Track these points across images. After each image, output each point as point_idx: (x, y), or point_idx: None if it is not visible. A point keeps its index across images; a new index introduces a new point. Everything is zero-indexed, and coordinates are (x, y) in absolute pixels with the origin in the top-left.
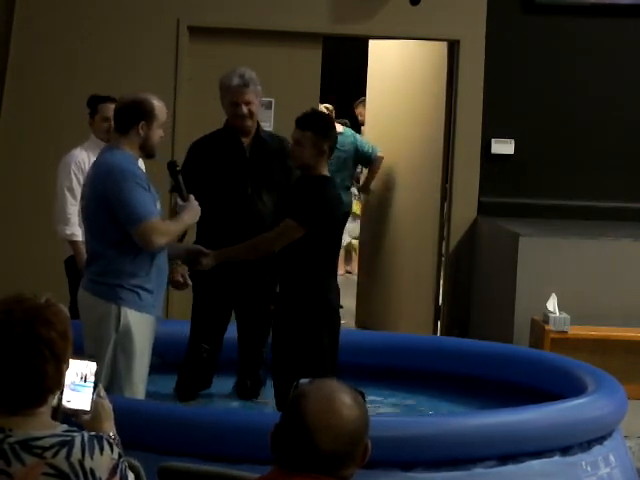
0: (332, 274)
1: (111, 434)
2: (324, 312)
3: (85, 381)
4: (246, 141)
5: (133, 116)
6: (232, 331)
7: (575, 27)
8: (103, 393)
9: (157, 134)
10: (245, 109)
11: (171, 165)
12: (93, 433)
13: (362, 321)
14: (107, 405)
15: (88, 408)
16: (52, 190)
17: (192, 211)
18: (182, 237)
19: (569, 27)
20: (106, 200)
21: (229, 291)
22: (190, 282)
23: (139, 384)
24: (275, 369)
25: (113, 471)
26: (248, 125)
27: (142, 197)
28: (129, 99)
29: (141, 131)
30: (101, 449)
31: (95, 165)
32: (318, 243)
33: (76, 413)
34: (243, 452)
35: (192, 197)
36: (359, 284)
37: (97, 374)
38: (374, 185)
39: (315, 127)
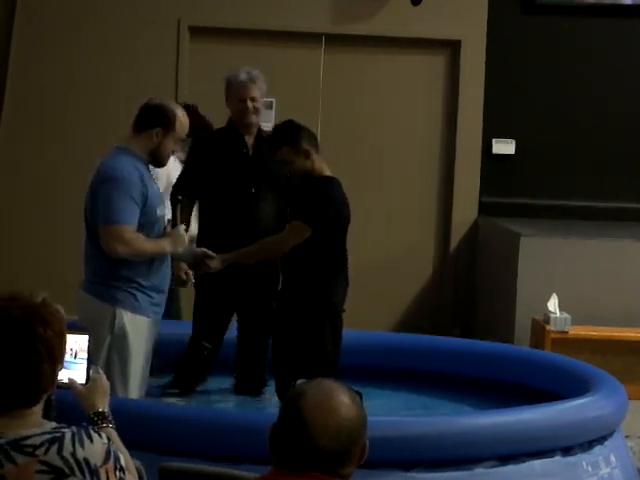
0: (339, 275)
1: (105, 410)
2: (327, 314)
3: (75, 357)
4: (249, 140)
5: (152, 119)
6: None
7: (575, 27)
8: (100, 370)
9: (170, 146)
10: (251, 105)
11: (173, 195)
12: (81, 426)
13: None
14: (104, 382)
15: (83, 381)
16: (52, 190)
17: (174, 239)
18: None
19: (569, 27)
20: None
21: (231, 291)
22: (192, 279)
23: (133, 387)
24: (277, 370)
25: (107, 455)
26: (253, 121)
27: (125, 204)
28: (156, 102)
29: (155, 137)
30: (90, 438)
31: (99, 167)
32: (324, 243)
33: (72, 384)
34: (243, 452)
35: (182, 227)
36: None
37: (89, 348)
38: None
39: (283, 140)
